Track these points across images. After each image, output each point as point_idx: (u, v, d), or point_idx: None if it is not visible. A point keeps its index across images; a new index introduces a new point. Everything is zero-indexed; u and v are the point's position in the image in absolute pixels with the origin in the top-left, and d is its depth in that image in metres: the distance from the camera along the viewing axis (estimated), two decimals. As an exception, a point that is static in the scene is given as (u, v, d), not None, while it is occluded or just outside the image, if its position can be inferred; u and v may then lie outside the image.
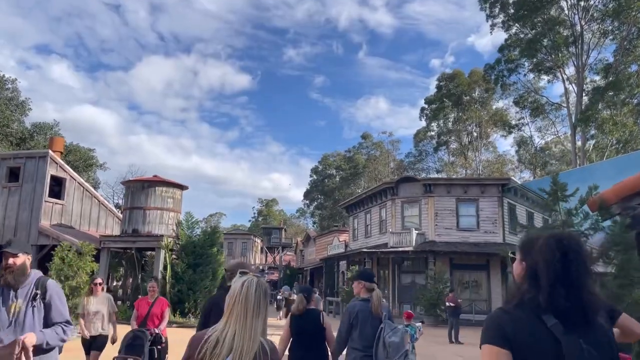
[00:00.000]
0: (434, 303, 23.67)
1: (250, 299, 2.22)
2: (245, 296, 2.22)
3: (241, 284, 2.26)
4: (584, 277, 1.84)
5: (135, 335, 6.89)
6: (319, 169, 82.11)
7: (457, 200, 27.93)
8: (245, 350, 2.13)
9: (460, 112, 49.26)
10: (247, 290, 2.24)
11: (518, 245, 2.08)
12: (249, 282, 2.27)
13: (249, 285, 2.26)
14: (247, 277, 2.31)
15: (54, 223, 21.87)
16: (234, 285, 2.29)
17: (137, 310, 7.51)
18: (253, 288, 2.25)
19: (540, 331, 1.77)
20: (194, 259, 20.67)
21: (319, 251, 45.15)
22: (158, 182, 21.19)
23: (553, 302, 1.79)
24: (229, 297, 2.29)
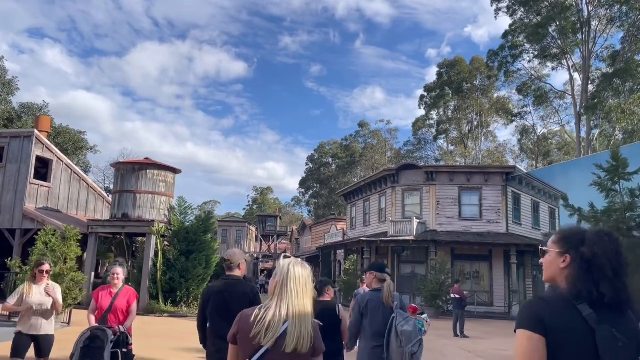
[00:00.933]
0: (436, 294, 22.88)
1: (300, 278, 2.31)
2: (295, 275, 2.30)
3: (288, 265, 2.33)
4: (628, 270, 1.95)
5: (94, 335, 5.28)
6: (315, 157, 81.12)
7: (459, 188, 27.06)
8: (301, 328, 2.22)
9: (460, 100, 48.27)
10: (294, 270, 2.32)
11: (560, 237, 2.06)
12: (296, 262, 2.38)
13: (295, 264, 2.36)
14: (291, 259, 2.40)
15: (39, 206, 20.82)
16: (280, 267, 2.35)
17: (96, 302, 5.86)
18: (300, 267, 2.36)
19: (576, 320, 1.84)
20: (186, 246, 19.71)
21: (315, 240, 44.32)
22: (150, 165, 20.16)
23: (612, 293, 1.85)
24: (276, 278, 2.34)
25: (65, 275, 13.67)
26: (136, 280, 19.45)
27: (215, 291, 4.40)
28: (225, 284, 4.43)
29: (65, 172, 22.35)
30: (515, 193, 26.95)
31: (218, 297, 4.35)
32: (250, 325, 2.24)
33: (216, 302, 4.34)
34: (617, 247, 1.95)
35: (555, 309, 1.87)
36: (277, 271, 2.37)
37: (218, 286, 4.46)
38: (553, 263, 2.04)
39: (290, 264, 2.35)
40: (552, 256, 2.05)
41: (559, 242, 2.05)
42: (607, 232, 2.00)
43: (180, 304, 19.39)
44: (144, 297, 18.85)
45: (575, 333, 1.82)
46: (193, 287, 19.48)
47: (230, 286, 4.38)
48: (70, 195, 22.67)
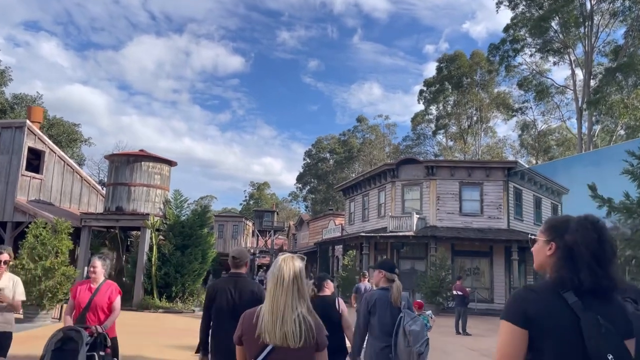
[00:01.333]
0: (436, 290, 22.49)
1: (293, 273, 2.35)
2: (288, 271, 2.34)
3: (281, 261, 2.40)
4: (613, 257, 1.98)
5: (66, 337, 4.55)
6: (312, 152, 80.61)
7: (460, 183, 26.64)
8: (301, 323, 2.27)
9: (460, 95, 47.82)
10: (287, 265, 2.37)
11: (547, 226, 2.10)
12: (288, 257, 2.44)
13: (287, 259, 2.41)
14: (284, 255, 2.45)
15: (31, 199, 20.31)
16: (275, 264, 2.42)
17: (74, 299, 5.23)
18: (292, 262, 2.39)
19: (561, 308, 1.87)
20: (182, 240, 19.25)
21: (313, 235, 43.89)
22: (144, 157, 19.66)
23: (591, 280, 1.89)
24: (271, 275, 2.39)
25: (56, 270, 13.20)
26: (130, 275, 19.01)
27: (221, 288, 4.29)
28: (233, 281, 4.35)
29: (58, 164, 21.83)
30: (516, 188, 26.55)
31: (225, 295, 4.26)
32: (254, 325, 2.30)
33: (224, 299, 4.26)
34: (601, 235, 1.96)
35: (540, 298, 1.90)
36: (272, 269, 2.42)
37: (225, 283, 4.36)
38: (540, 251, 2.09)
39: (282, 260, 2.41)
40: (539, 244, 2.10)
41: (546, 230, 2.09)
42: (592, 219, 2.02)
43: (175, 300, 18.94)
44: (139, 293, 18.41)
45: (560, 321, 1.85)
46: (189, 283, 19.04)
47: (238, 283, 4.32)
48: (63, 187, 22.16)
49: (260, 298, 4.12)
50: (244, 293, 4.24)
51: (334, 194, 74.23)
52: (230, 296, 4.25)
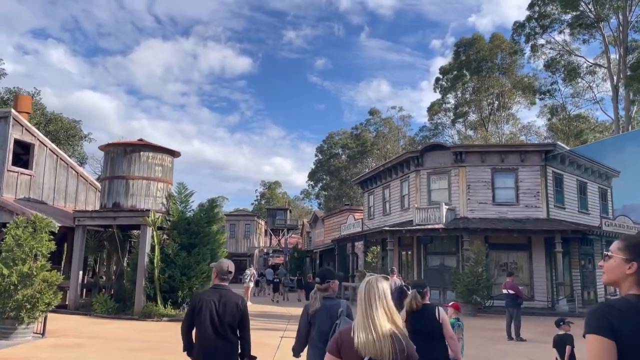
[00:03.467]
0: (473, 289, 20.11)
1: (385, 293, 2.60)
2: (380, 291, 2.60)
3: (374, 281, 2.64)
4: None
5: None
6: (324, 148, 78.29)
7: (492, 170, 24.22)
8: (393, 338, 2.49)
9: (480, 81, 45.19)
10: (378, 286, 2.62)
11: (626, 245, 2.14)
12: (379, 279, 2.68)
13: (378, 281, 2.66)
14: (375, 276, 2.72)
15: (20, 197, 18.23)
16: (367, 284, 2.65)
17: None
18: (383, 283, 2.64)
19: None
20: (188, 239, 17.06)
21: (328, 232, 41.62)
22: (143, 147, 17.49)
23: None
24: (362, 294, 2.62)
25: (35, 276, 11.03)
26: (131, 280, 16.85)
27: (207, 300, 4.33)
28: (219, 293, 4.38)
29: (50, 158, 19.73)
30: (556, 173, 24.06)
31: (210, 306, 4.29)
32: (352, 339, 2.51)
33: (208, 310, 4.27)
34: None
35: (623, 314, 1.96)
36: (363, 288, 2.62)
37: (210, 294, 4.39)
38: (617, 269, 2.14)
39: (371, 281, 2.64)
40: (616, 262, 2.15)
41: (626, 249, 2.14)
42: None
43: (182, 306, 16.75)
44: (140, 299, 16.25)
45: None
46: (197, 286, 16.81)
47: (223, 296, 4.34)
48: (56, 184, 20.07)
49: (242, 310, 4.31)
50: (228, 305, 4.27)
51: (347, 190, 71.98)
52: (215, 308, 4.26)
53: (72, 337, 12.13)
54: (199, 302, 4.36)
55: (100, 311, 16.41)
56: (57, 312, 16.73)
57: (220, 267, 4.51)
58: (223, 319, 4.22)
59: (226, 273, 4.49)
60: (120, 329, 13.75)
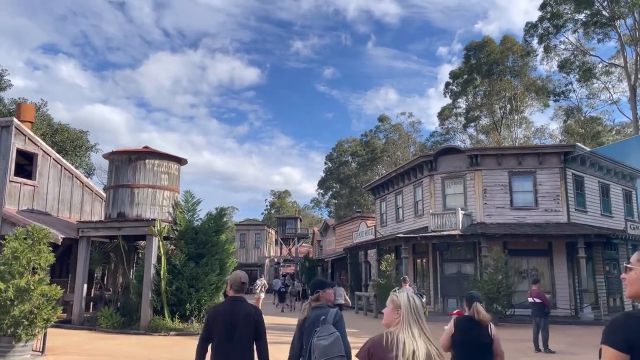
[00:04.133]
0: (493, 297, 19.22)
1: (419, 307, 2.77)
2: (416, 305, 2.75)
3: (408, 296, 2.78)
4: None
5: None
6: (333, 156, 77.70)
7: (509, 173, 23.39)
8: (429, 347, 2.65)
9: (491, 85, 44.37)
10: (414, 301, 2.77)
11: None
12: (413, 294, 2.83)
13: (413, 296, 2.80)
14: (408, 291, 2.88)
15: (23, 208, 17.71)
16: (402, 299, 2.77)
17: None
18: (417, 299, 2.80)
19: None
20: (195, 249, 16.41)
21: (340, 241, 40.84)
22: (149, 154, 16.91)
23: None
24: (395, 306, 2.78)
25: (33, 290, 10.40)
26: (137, 292, 16.19)
27: (221, 312, 4.40)
28: (232, 304, 4.41)
29: (54, 168, 19.22)
30: (576, 175, 23.19)
31: (225, 318, 4.34)
32: (385, 347, 2.62)
33: (223, 322, 4.31)
34: None
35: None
36: (399, 302, 2.76)
37: (224, 307, 4.45)
38: (639, 280, 2.12)
39: (410, 297, 2.77)
40: (637, 274, 2.13)
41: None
42: None
43: (190, 319, 16.08)
44: (146, 312, 15.59)
45: None
46: (205, 298, 16.15)
47: (236, 307, 4.38)
48: (61, 195, 19.54)
49: (257, 320, 4.36)
50: (242, 316, 4.31)
51: (357, 197, 71.21)
52: (230, 320, 4.31)
53: (73, 354, 11.48)
54: (214, 314, 4.41)
55: (105, 326, 15.77)
56: (62, 327, 16.15)
57: (234, 279, 4.57)
58: (238, 330, 4.24)
59: (239, 284, 4.53)
60: (125, 345, 13.08)
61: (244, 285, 4.55)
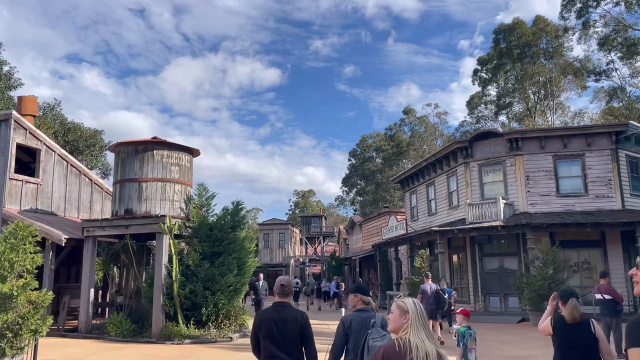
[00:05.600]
0: (544, 294, 17.16)
1: (424, 312, 2.91)
2: (422, 310, 2.89)
3: (414, 303, 2.92)
4: None
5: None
6: (357, 152, 75.79)
7: (554, 157, 21.25)
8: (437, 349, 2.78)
9: (523, 69, 41.87)
10: (420, 307, 2.91)
11: None
12: (418, 301, 2.97)
13: (418, 303, 2.94)
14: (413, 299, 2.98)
15: (26, 208, 16.39)
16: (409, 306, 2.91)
17: None
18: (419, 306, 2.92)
19: None
20: (210, 247, 14.82)
21: (367, 238, 38.99)
22: (157, 144, 15.37)
23: None
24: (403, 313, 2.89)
25: (17, 297, 8.88)
26: (148, 296, 14.67)
27: (266, 317, 4.31)
28: (278, 310, 4.37)
29: (60, 164, 17.88)
30: (631, 157, 20.92)
31: (270, 324, 4.27)
32: (399, 352, 2.71)
33: (269, 328, 4.27)
34: None
35: None
36: (406, 308, 2.89)
37: (269, 312, 4.39)
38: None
39: (415, 303, 2.91)
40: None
41: None
42: None
43: (207, 325, 14.49)
44: (158, 318, 14.04)
45: None
46: (223, 302, 14.53)
47: (281, 312, 4.33)
48: (68, 193, 18.20)
49: (303, 324, 4.28)
50: (288, 321, 4.26)
51: (383, 193, 69.16)
52: (276, 325, 4.25)
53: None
54: (260, 321, 4.38)
55: (114, 334, 14.29)
56: (67, 336, 14.76)
57: (275, 284, 4.59)
58: (284, 335, 4.21)
59: (279, 288, 4.51)
60: (130, 357, 11.52)
61: (285, 289, 4.49)
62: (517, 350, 12.18)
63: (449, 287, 18.74)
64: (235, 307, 15.49)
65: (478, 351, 11.42)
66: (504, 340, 14.15)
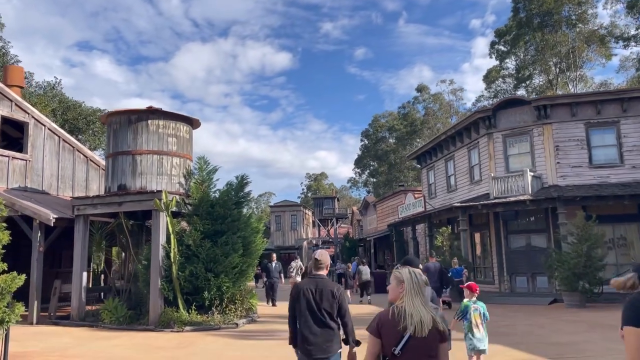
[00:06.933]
0: (579, 273, 15.63)
1: (420, 281, 2.95)
2: (417, 279, 2.93)
3: (409, 272, 2.97)
4: None
5: None
6: (369, 132, 73.89)
7: (586, 125, 19.53)
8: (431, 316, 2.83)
9: (544, 39, 39.72)
10: (415, 276, 2.95)
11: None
12: (414, 270, 3.01)
13: (414, 272, 2.97)
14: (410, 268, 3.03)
15: (14, 186, 15.14)
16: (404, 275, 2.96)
17: None
18: (418, 274, 2.98)
19: None
20: (212, 225, 13.46)
21: (382, 218, 37.55)
22: (152, 113, 13.95)
23: None
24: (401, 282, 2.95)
25: (-23, 281, 7.58)
26: (145, 280, 13.39)
27: (304, 289, 4.40)
28: (315, 281, 4.47)
29: (51, 139, 16.58)
30: (671, 123, 19.14)
31: (308, 295, 4.36)
32: (392, 320, 2.81)
33: (305, 299, 4.36)
34: None
35: None
36: (402, 278, 2.94)
37: (307, 283, 4.49)
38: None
39: (411, 272, 2.96)
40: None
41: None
42: None
43: (210, 311, 13.20)
44: (156, 304, 12.77)
45: None
46: (227, 284, 13.20)
47: (319, 284, 4.43)
48: (61, 170, 16.93)
49: (340, 298, 4.37)
50: (325, 293, 4.35)
51: (397, 174, 67.50)
52: (312, 296, 4.34)
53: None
54: (297, 292, 4.43)
55: (109, 321, 13.06)
56: (59, 324, 13.56)
57: (313, 257, 4.62)
58: (320, 306, 4.29)
59: (313, 261, 4.57)
60: (122, 347, 10.24)
61: (318, 262, 4.52)
62: (559, 336, 10.71)
63: (459, 266, 17.63)
64: (242, 291, 14.18)
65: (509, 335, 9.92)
66: (539, 323, 12.68)
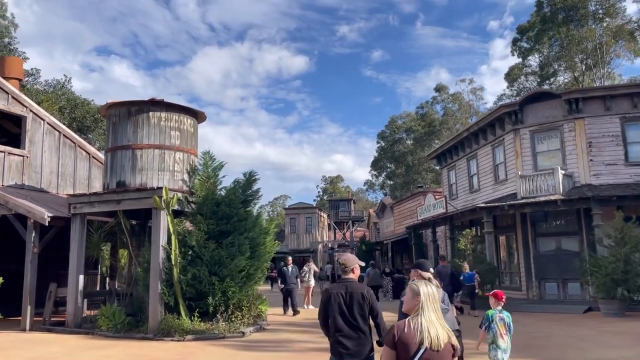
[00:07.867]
0: (618, 279, 14.26)
1: (435, 294, 2.94)
2: (433, 293, 2.91)
3: (425, 286, 2.94)
4: None
5: None
6: (386, 133, 72.54)
7: (622, 119, 18.15)
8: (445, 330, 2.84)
9: (569, 35, 38.14)
10: (430, 289, 2.92)
11: None
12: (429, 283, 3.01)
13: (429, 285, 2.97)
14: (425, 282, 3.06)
15: (10, 183, 14.29)
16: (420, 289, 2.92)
17: None
18: (433, 287, 2.97)
19: None
20: (217, 225, 12.41)
21: (399, 221, 36.29)
22: (153, 105, 12.98)
23: None
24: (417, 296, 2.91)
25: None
26: (145, 284, 12.39)
27: (335, 293, 4.45)
28: (345, 285, 4.50)
29: (50, 135, 15.73)
30: None
31: (339, 298, 4.39)
32: (409, 332, 2.79)
33: (337, 302, 4.38)
34: None
35: None
36: (418, 291, 2.91)
37: (337, 287, 4.51)
38: None
39: (426, 285, 2.94)
40: None
41: None
42: None
43: (215, 318, 12.15)
44: (155, 310, 11.76)
45: None
46: (233, 289, 12.14)
47: (349, 287, 4.46)
48: (61, 168, 16.07)
49: (370, 300, 4.38)
50: (355, 296, 4.38)
51: (415, 176, 66.04)
52: (343, 300, 4.39)
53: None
54: (328, 296, 4.44)
55: (106, 328, 12.09)
56: (53, 330, 12.62)
57: (339, 262, 4.65)
58: (351, 308, 4.31)
59: (340, 266, 4.63)
60: (114, 359, 9.22)
61: (344, 266, 4.55)
62: (604, 350, 9.43)
63: (470, 270, 16.94)
64: (249, 296, 13.12)
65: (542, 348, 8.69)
66: (577, 335, 11.38)
